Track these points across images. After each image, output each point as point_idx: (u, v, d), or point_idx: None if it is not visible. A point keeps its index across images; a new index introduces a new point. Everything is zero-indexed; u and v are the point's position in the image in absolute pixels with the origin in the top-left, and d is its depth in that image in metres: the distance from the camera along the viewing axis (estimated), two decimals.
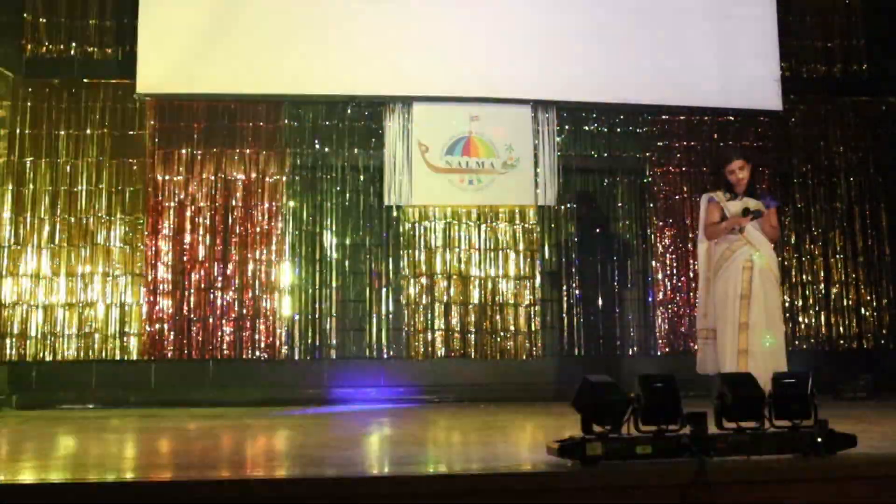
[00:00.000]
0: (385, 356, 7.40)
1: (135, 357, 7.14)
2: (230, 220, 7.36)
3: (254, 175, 7.42)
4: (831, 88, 8.20)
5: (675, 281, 7.76)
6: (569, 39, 7.59)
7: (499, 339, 7.47)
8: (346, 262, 7.49)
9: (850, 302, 7.93)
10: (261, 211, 7.40)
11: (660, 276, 7.74)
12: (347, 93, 7.46)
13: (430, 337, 7.41)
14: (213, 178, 7.37)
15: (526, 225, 7.61)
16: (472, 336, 7.44)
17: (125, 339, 7.15)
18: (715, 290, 5.55)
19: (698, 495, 3.07)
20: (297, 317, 7.34)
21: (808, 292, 7.90)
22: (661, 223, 7.80)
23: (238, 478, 3.39)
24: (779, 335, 5.50)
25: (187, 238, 7.29)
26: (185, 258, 7.26)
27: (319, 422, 5.69)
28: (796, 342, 7.69)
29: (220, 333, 7.22)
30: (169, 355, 7.15)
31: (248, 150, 7.45)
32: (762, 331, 5.37)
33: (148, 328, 7.15)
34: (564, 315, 7.63)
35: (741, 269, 5.43)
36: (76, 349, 7.10)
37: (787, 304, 7.56)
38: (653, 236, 7.79)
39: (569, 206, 7.77)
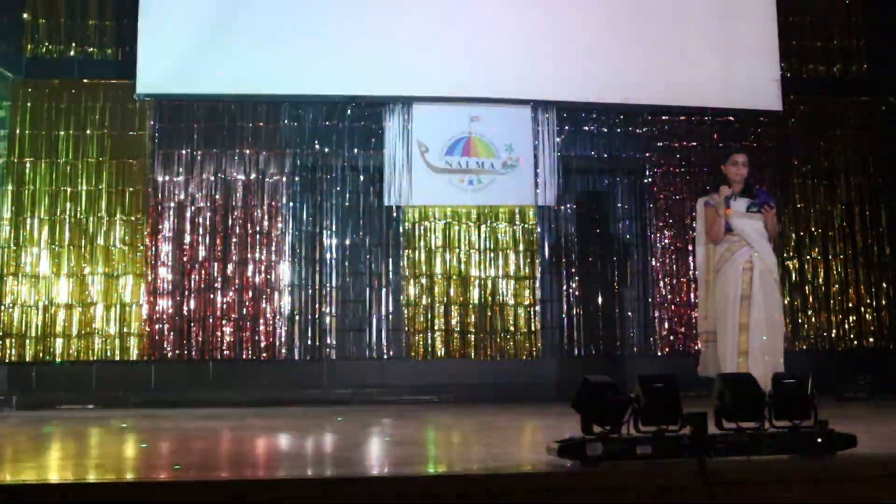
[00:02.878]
0: (385, 356, 7.40)
1: (135, 357, 7.15)
2: (230, 221, 7.36)
3: (254, 175, 7.43)
4: (831, 88, 8.21)
5: (674, 281, 7.76)
6: (569, 39, 7.59)
7: (499, 339, 7.47)
8: (346, 262, 7.49)
9: (850, 302, 7.93)
10: (261, 211, 7.40)
11: (660, 276, 7.74)
12: (347, 93, 7.46)
13: (430, 337, 7.41)
14: (213, 178, 7.38)
15: (526, 225, 7.61)
16: (472, 336, 7.45)
17: (125, 339, 7.15)
18: (715, 291, 5.55)
19: (698, 495, 3.07)
20: (297, 317, 7.34)
21: (807, 292, 7.90)
22: (661, 223, 7.80)
23: (237, 478, 3.38)
24: (779, 336, 5.49)
25: (187, 238, 7.29)
26: (185, 258, 7.26)
27: (319, 422, 5.69)
28: (796, 342, 7.69)
29: (220, 334, 7.22)
30: (169, 355, 7.16)
31: (248, 151, 7.45)
32: (762, 331, 5.37)
33: (148, 328, 7.15)
34: (564, 315, 7.63)
35: (741, 271, 5.44)
36: (76, 349, 7.11)
37: (787, 305, 7.56)
38: (653, 236, 7.79)
39: (569, 206, 7.77)
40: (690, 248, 7.76)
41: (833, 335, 7.87)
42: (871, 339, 7.91)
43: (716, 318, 5.53)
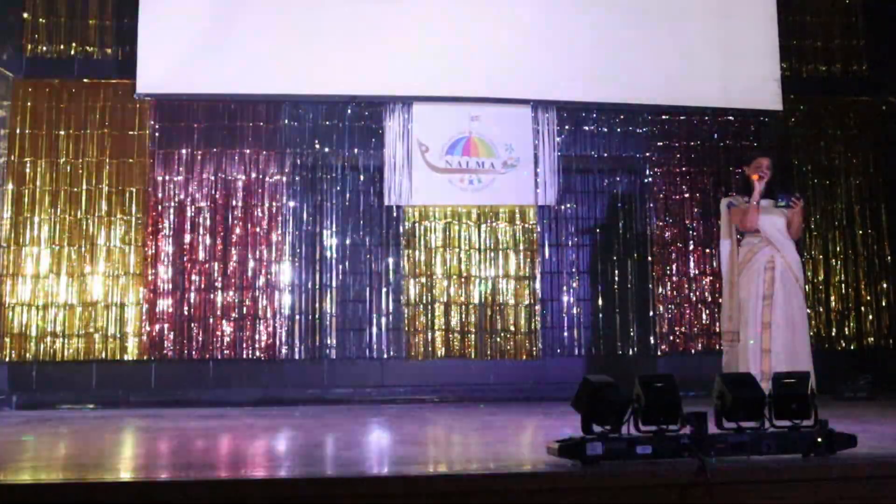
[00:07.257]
0: (385, 356, 7.40)
1: (135, 357, 7.15)
2: (230, 220, 7.36)
3: (254, 175, 7.42)
4: (831, 88, 8.20)
5: (674, 281, 7.75)
6: (569, 39, 7.58)
7: (499, 339, 7.47)
8: (346, 262, 7.49)
9: (850, 302, 7.93)
10: (261, 211, 7.40)
11: (659, 275, 7.74)
12: (347, 93, 7.46)
13: (430, 337, 7.41)
14: (213, 178, 7.38)
15: (526, 225, 7.61)
16: (472, 336, 7.45)
17: (125, 339, 7.15)
18: (738, 291, 5.54)
19: (698, 495, 3.07)
20: (297, 317, 7.34)
21: (808, 292, 7.89)
22: (661, 223, 7.80)
23: (237, 478, 3.38)
24: (802, 335, 5.46)
25: (187, 238, 7.29)
26: (185, 258, 7.26)
27: (319, 422, 5.69)
28: None
29: (220, 333, 7.22)
30: (169, 355, 7.16)
31: (248, 150, 7.45)
32: (784, 331, 5.36)
33: (148, 328, 7.15)
34: (564, 315, 7.63)
35: (763, 270, 5.44)
36: (76, 349, 7.10)
37: None
38: (653, 236, 7.79)
39: (569, 206, 7.76)
40: (691, 247, 7.77)
41: (833, 335, 7.87)
42: (871, 339, 7.91)
43: (739, 318, 5.51)
